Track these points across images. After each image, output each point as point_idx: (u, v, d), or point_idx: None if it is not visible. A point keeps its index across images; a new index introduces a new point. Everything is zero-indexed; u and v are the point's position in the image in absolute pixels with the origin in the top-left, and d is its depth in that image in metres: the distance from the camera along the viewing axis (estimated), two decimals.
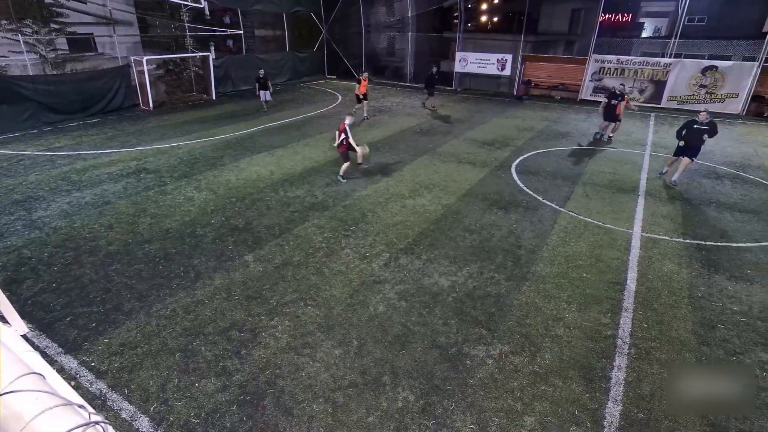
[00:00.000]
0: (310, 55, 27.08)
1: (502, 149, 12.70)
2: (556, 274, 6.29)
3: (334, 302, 5.61)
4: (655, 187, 9.84)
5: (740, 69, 17.83)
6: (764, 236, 7.56)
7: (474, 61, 23.56)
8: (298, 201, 8.75)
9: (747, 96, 17.83)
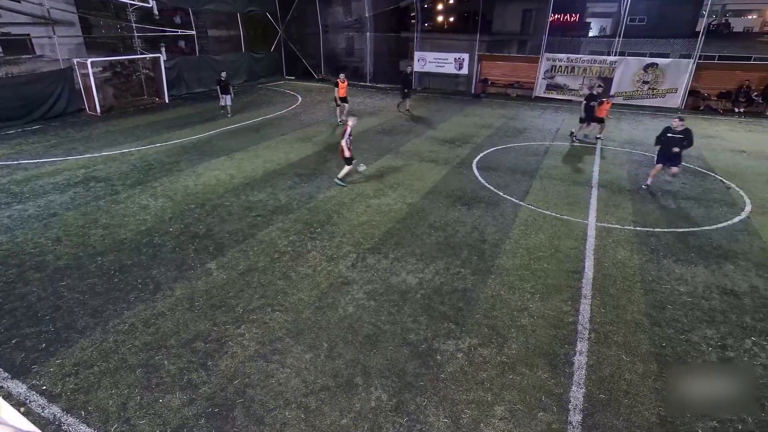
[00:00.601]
0: (267, 55, 26.57)
1: (462, 147, 12.96)
2: (519, 266, 6.50)
3: (303, 306, 5.53)
4: (606, 179, 10.35)
5: (678, 66, 19.07)
6: (704, 221, 8.13)
7: (432, 60, 23.91)
8: (260, 205, 8.56)
9: (685, 91, 19.09)
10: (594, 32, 34.05)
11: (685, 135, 9.24)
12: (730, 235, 7.58)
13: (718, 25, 29.98)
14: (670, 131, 9.31)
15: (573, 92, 21.00)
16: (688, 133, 9.27)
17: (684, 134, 9.22)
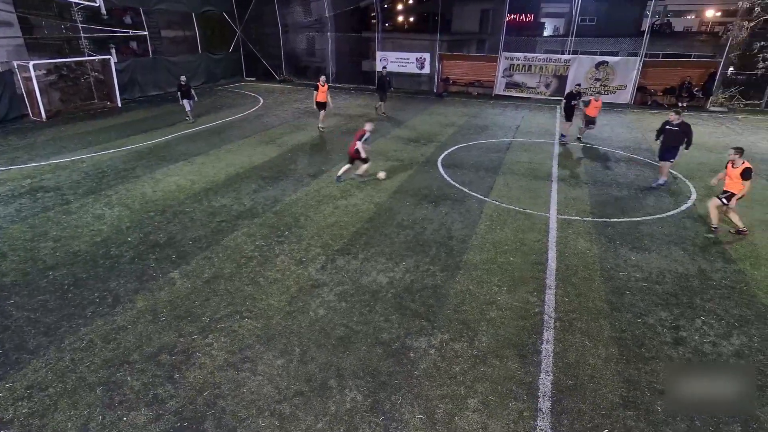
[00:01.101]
0: (226, 56, 25.89)
1: (427, 145, 13.11)
2: (486, 261, 6.65)
3: (273, 311, 5.43)
4: (565, 173, 10.76)
5: (626, 63, 20.09)
6: (656, 210, 8.61)
7: (394, 60, 24.06)
8: (224, 210, 8.33)
9: (633, 87, 20.14)
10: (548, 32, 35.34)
11: (682, 129, 9.35)
12: (679, 222, 8.07)
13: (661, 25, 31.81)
14: (668, 124, 9.50)
15: (531, 90, 21.70)
16: (686, 127, 9.34)
17: (680, 127, 9.36)
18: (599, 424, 3.94)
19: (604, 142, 13.71)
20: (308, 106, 19.03)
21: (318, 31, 26.38)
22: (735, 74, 19.86)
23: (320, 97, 14.09)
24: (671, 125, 9.44)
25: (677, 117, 9.38)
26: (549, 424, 3.94)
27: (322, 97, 14.09)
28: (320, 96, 14.09)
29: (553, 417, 4.01)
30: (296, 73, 27.04)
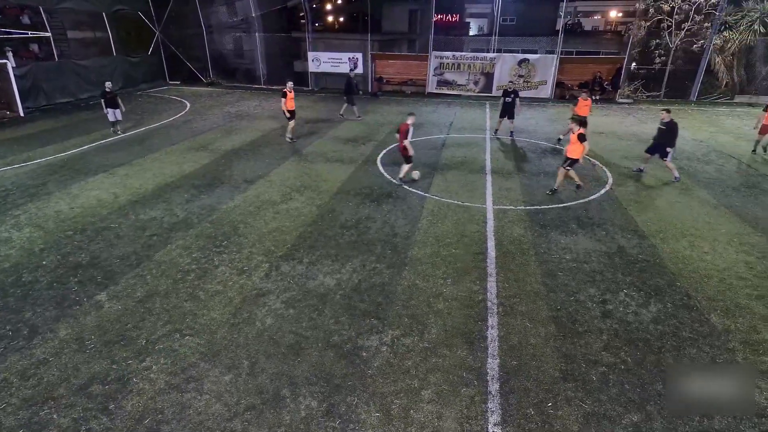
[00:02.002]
0: (145, 59, 24.18)
1: (366, 144, 13.17)
2: (430, 255, 6.82)
3: (216, 326, 5.18)
4: (497, 166, 11.32)
5: (545, 61, 21.52)
6: (579, 196, 9.31)
7: (327, 60, 23.87)
8: (155, 223, 7.80)
9: (553, 83, 21.63)
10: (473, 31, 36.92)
11: (668, 127, 9.64)
12: (599, 205, 8.81)
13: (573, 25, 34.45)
14: (660, 123, 9.77)
15: (461, 87, 22.54)
16: (669, 125, 9.65)
17: (667, 125, 9.64)
18: (543, 399, 4.21)
19: (530, 135, 14.60)
20: (240, 110, 18.35)
21: (245, 31, 25.47)
22: (637, 69, 22.02)
23: (290, 104, 13.00)
24: (662, 123, 9.74)
25: (667, 116, 9.64)
26: (499, 405, 4.14)
27: (292, 104, 13.04)
28: (290, 103, 12.99)
29: (502, 398, 4.22)
30: (225, 75, 25.91)
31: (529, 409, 4.10)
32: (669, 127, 9.65)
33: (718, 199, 9.09)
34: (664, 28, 20.28)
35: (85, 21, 21.59)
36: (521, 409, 4.11)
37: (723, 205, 8.83)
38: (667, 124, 9.67)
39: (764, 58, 19.96)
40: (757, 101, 20.17)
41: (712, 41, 19.83)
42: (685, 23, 19.71)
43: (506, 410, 4.08)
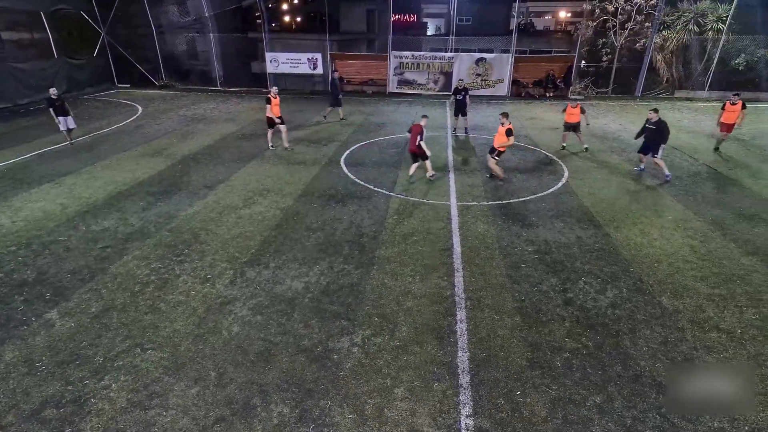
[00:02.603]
0: (90, 61, 22.87)
1: (328, 145, 13.07)
2: (398, 253, 6.87)
3: (179, 337, 4.98)
4: (460, 163, 11.54)
5: (501, 60, 22.14)
6: (538, 189, 9.66)
7: (285, 61, 23.50)
8: (108, 234, 7.41)
9: (509, 81, 22.29)
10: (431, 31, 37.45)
11: (657, 126, 9.61)
12: (557, 198, 9.16)
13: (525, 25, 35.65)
14: (648, 123, 9.80)
15: (422, 87, 22.81)
16: (660, 125, 9.61)
17: (656, 125, 9.63)
18: (513, 388, 4.33)
19: (490, 132, 14.97)
20: (196, 113, 17.74)
21: (198, 32, 24.66)
22: (587, 67, 23.08)
23: (275, 111, 12.10)
24: (650, 123, 9.78)
25: (655, 115, 9.68)
26: (470, 397, 4.23)
27: (276, 111, 12.13)
28: (275, 110, 12.08)
29: (473, 389, 4.31)
30: (178, 77, 24.97)
31: (499, 399, 4.21)
32: (659, 127, 9.65)
33: (664, 189, 9.68)
34: (610, 28, 21.38)
35: (21, 21, 20.16)
36: (491, 399, 4.21)
37: (668, 193, 9.41)
38: (656, 123, 9.68)
39: (699, 55, 21.44)
40: (694, 96, 21.66)
41: (653, 40, 21.10)
42: (628, 23, 20.87)
43: (477, 401, 4.18)
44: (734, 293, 5.88)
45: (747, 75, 20.85)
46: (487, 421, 3.97)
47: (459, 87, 14.48)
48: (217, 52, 24.29)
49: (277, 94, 12.28)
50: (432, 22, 38.40)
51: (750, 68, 20.67)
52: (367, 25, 30.06)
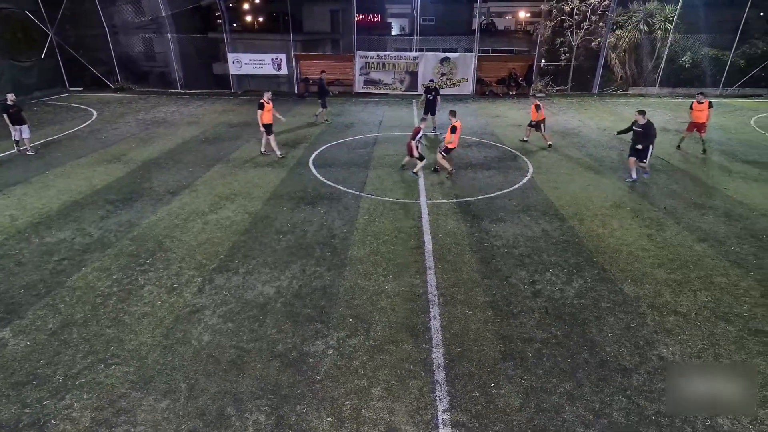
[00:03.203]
0: (38, 63, 21.59)
1: (296, 147, 12.91)
2: (370, 253, 6.87)
3: (146, 350, 4.79)
4: (428, 162, 11.63)
5: (465, 59, 22.52)
6: (504, 185, 9.90)
7: (248, 62, 22.99)
8: (64, 246, 7.03)
9: (473, 80, 22.70)
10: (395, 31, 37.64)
11: (645, 129, 9.43)
12: (523, 193, 9.42)
13: (487, 25, 36.40)
14: (636, 125, 9.59)
15: (388, 86, 22.89)
16: (646, 126, 9.44)
17: (644, 128, 9.44)
18: (487, 380, 4.42)
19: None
20: (155, 116, 17.11)
21: (156, 32, 23.75)
22: (547, 65, 23.84)
23: (267, 117, 11.40)
24: (638, 126, 9.58)
25: (642, 118, 9.49)
26: (446, 392, 4.28)
27: (268, 117, 11.44)
28: (267, 116, 11.39)
29: (449, 385, 4.37)
30: (135, 79, 23.97)
31: (474, 392, 4.28)
32: (646, 129, 9.47)
33: (622, 181, 10.13)
34: (567, 28, 22.16)
35: None
36: (467, 392, 4.28)
37: (626, 186, 9.85)
38: (643, 126, 9.49)
39: (650, 54, 22.57)
40: (646, 92, 22.78)
41: (607, 39, 22.03)
42: (584, 23, 21.70)
43: (453, 396, 4.24)
44: (689, 278, 6.23)
45: (693, 72, 22.16)
46: (463, 414, 4.04)
47: (430, 87, 14.72)
48: (177, 53, 23.47)
49: (270, 100, 11.55)
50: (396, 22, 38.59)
51: (695, 65, 21.96)
52: (332, 25, 29.86)
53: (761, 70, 21.58)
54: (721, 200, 8.97)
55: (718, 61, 21.78)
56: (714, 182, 9.98)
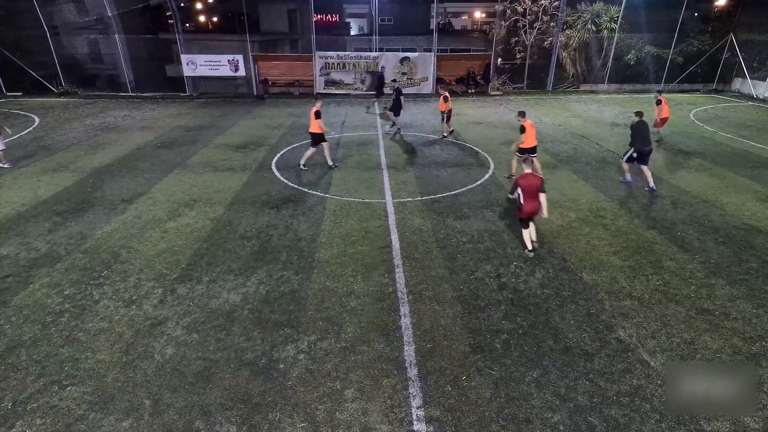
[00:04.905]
0: None
1: (257, 150, 12.63)
2: (337, 255, 6.83)
3: (105, 368, 4.55)
4: (392, 161, 11.72)
5: (424, 58, 22.80)
6: (468, 182, 10.10)
7: (204, 63, 22.27)
8: (8, 262, 6.55)
9: (433, 79, 23.01)
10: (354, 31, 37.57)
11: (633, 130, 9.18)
12: (485, 189, 9.65)
13: (444, 25, 37.02)
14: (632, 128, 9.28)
15: (349, 87, 22.81)
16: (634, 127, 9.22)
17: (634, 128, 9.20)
18: (459, 374, 4.50)
19: (418, 129, 15.38)
20: (105, 121, 16.24)
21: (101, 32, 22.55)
22: (503, 64, 24.53)
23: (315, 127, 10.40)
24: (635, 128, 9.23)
25: (636, 118, 9.29)
26: (419, 388, 4.32)
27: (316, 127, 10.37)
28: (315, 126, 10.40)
29: (421, 381, 4.42)
30: (81, 83, 22.66)
31: (446, 387, 4.35)
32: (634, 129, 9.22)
33: (577, 174, 10.59)
34: (520, 27, 22.89)
35: None
36: (439, 387, 4.34)
37: (581, 178, 10.31)
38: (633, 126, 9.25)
39: (598, 52, 23.70)
40: (596, 89, 23.91)
41: (558, 38, 22.95)
42: (536, 23, 22.49)
43: (426, 392, 4.28)
44: (641, 263, 6.60)
45: (637, 69, 23.48)
46: (436, 409, 4.09)
47: (394, 87, 14.89)
48: (126, 55, 22.38)
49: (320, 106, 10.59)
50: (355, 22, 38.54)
51: (639, 63, 23.27)
52: (290, 25, 29.40)
53: (697, 66, 23.18)
54: (667, 189, 9.55)
55: (660, 58, 23.20)
56: (660, 172, 10.61)
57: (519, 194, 6.55)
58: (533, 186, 6.46)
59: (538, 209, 6.55)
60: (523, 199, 6.51)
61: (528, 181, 6.49)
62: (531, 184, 6.47)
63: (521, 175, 6.62)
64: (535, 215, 6.66)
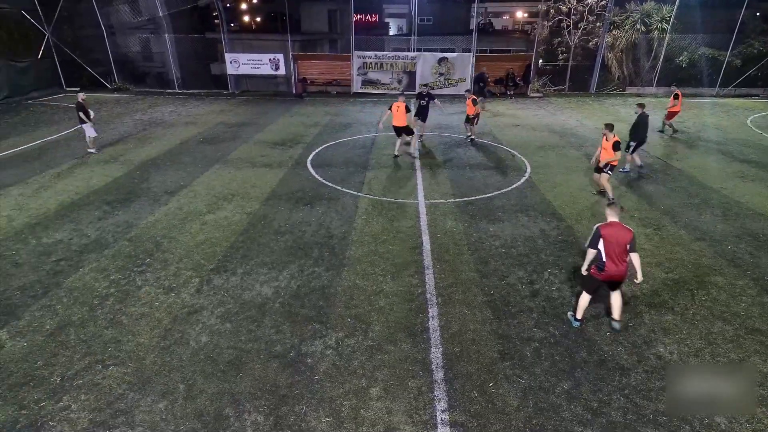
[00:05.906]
0: (34, 64, 21.51)
1: (294, 147, 12.90)
2: (368, 253, 6.86)
3: (144, 351, 4.78)
4: (426, 162, 11.66)
5: (462, 59, 22.54)
6: (503, 185, 9.90)
7: (246, 62, 22.99)
8: (62, 246, 7.01)
9: (471, 80, 22.70)
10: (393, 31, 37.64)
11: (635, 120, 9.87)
12: (521, 193, 9.43)
13: (485, 25, 36.46)
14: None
15: (386, 86, 22.89)
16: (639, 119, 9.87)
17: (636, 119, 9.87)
18: (485, 380, 4.43)
19: (453, 131, 15.22)
20: (153, 116, 17.06)
21: (153, 32, 23.70)
22: (544, 65, 23.89)
23: (399, 120, 11.30)
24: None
25: (640, 110, 9.85)
26: (445, 391, 4.28)
27: (401, 120, 11.29)
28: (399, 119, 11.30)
29: (447, 384, 4.37)
30: (133, 80, 23.92)
31: (473, 392, 4.28)
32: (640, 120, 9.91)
33: (620, 181, 10.15)
34: (564, 28, 22.20)
35: None
36: (465, 392, 4.28)
37: (624, 185, 9.88)
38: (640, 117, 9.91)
39: (647, 53, 22.62)
40: (643, 92, 22.84)
41: (604, 39, 22.08)
42: (581, 23, 21.74)
43: (452, 396, 4.24)
44: (686, 277, 6.25)
45: (690, 71, 22.22)
46: (462, 414, 4.04)
47: (423, 92, 13.55)
48: (174, 54, 23.43)
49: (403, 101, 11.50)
50: (394, 22, 38.60)
51: (692, 65, 22.02)
52: (329, 25, 29.84)
53: (757, 69, 21.67)
54: (718, 199, 9.00)
55: (715, 61, 21.86)
56: (711, 182, 10.02)
57: (600, 250, 4.86)
58: (621, 241, 4.73)
59: (624, 274, 4.89)
60: (605, 256, 4.85)
61: (613, 233, 4.77)
62: (618, 238, 4.74)
63: (606, 225, 4.89)
64: (619, 281, 4.98)
